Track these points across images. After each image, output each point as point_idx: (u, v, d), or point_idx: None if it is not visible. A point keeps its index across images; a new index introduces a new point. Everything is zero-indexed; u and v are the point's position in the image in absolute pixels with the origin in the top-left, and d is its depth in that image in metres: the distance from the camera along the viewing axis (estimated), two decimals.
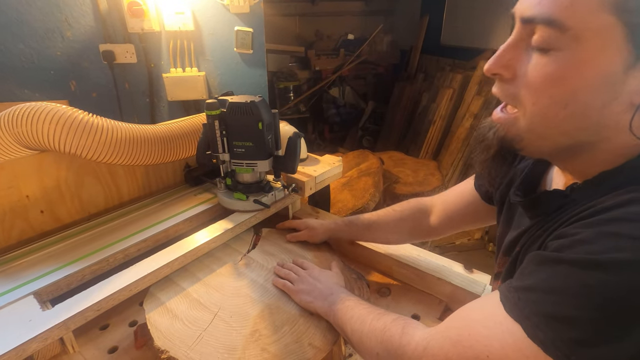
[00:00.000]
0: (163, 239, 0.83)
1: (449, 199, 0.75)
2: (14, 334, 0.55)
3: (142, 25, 1.45)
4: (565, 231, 0.37)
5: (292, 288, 0.67)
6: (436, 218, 0.76)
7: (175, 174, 1.04)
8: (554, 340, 0.33)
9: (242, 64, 1.62)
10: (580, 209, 0.38)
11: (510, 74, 0.40)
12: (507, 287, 0.39)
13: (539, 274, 0.36)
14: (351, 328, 0.55)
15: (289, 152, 0.86)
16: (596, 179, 0.40)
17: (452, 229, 0.77)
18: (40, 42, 1.39)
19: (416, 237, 0.81)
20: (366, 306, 0.57)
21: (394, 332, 0.49)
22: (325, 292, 0.64)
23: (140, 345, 0.67)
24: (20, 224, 0.78)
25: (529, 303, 0.35)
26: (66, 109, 0.75)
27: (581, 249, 0.34)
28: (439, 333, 0.45)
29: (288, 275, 0.70)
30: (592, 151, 0.40)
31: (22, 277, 0.68)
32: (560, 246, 0.36)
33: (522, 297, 0.36)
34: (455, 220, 0.74)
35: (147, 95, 1.62)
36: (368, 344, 0.52)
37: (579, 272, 0.33)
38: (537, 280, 0.36)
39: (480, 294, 0.72)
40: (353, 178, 2.04)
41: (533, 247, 0.43)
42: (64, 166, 0.82)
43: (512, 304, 0.37)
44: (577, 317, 0.32)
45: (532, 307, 0.35)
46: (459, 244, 2.49)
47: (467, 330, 0.41)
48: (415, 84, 3.34)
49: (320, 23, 3.69)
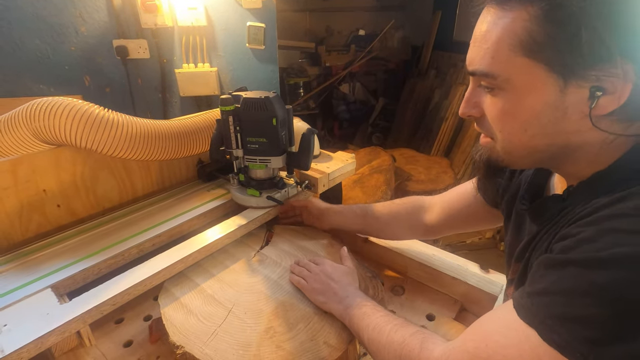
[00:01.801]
0: (177, 235, 0.84)
1: (449, 199, 0.75)
2: (32, 326, 0.56)
3: (155, 21, 1.45)
4: (567, 232, 0.38)
5: (306, 286, 0.67)
6: (434, 217, 0.76)
7: (188, 169, 1.05)
8: (570, 342, 0.33)
9: (254, 60, 1.62)
10: (580, 209, 0.40)
11: (478, 113, 0.46)
12: (520, 293, 0.39)
13: (548, 277, 0.37)
14: (368, 337, 0.55)
15: (303, 148, 0.85)
16: (590, 179, 0.42)
17: (450, 229, 0.77)
18: (55, 38, 1.40)
19: (411, 234, 0.81)
20: (383, 314, 0.56)
21: (413, 347, 0.49)
22: (340, 293, 0.63)
23: (155, 340, 0.67)
24: (37, 218, 0.79)
25: (541, 307, 0.36)
26: (83, 104, 0.75)
27: (585, 248, 0.34)
28: (457, 347, 0.44)
29: (302, 273, 0.70)
30: (574, 155, 0.42)
31: (39, 271, 0.69)
32: (565, 247, 0.36)
33: (535, 302, 0.37)
34: (454, 220, 0.74)
35: (159, 90, 1.63)
36: (386, 356, 0.52)
37: (585, 271, 0.33)
38: (547, 284, 0.36)
39: (497, 294, 0.71)
40: (365, 175, 2.03)
41: (540, 251, 0.44)
42: (79, 161, 0.83)
43: (526, 310, 0.37)
44: (589, 316, 0.32)
45: (545, 311, 0.35)
46: (469, 243, 2.47)
47: (484, 341, 0.41)
48: (426, 81, 3.31)
49: (331, 19, 3.66)
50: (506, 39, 0.39)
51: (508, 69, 0.40)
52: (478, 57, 0.42)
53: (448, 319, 0.72)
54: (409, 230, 0.80)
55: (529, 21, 0.38)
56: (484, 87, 0.44)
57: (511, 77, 0.40)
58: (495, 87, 0.42)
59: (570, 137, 0.41)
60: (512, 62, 0.39)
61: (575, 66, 0.37)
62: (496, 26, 0.40)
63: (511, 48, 0.39)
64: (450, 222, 0.74)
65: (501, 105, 0.42)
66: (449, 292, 0.78)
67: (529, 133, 0.42)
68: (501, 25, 0.40)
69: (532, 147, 0.43)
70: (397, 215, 0.80)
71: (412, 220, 0.78)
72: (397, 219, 0.80)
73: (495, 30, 0.40)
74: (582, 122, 0.39)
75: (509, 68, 0.40)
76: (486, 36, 0.41)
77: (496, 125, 0.44)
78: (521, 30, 0.38)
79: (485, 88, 0.43)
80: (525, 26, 0.38)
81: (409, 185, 2.16)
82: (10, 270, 0.69)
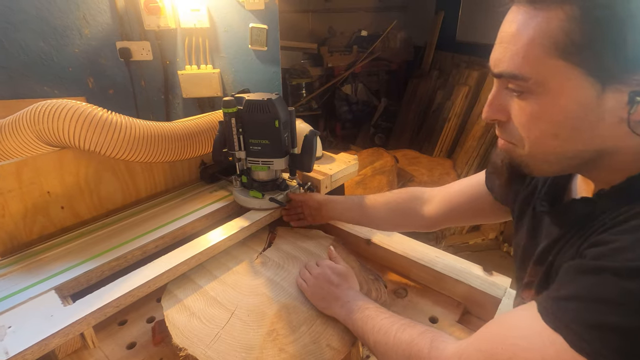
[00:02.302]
0: (180, 236, 0.84)
1: (452, 191, 0.73)
2: (36, 328, 0.56)
3: (158, 23, 1.46)
4: (601, 238, 0.37)
5: (307, 291, 0.67)
6: (433, 209, 0.75)
7: (191, 171, 1.05)
8: (600, 350, 0.32)
9: (257, 61, 1.62)
10: (613, 215, 0.38)
11: (504, 117, 0.43)
12: (545, 297, 0.38)
13: (579, 283, 0.35)
14: (374, 340, 0.54)
15: (305, 150, 0.85)
16: (624, 184, 0.40)
17: (449, 221, 0.76)
18: (59, 40, 1.41)
19: (408, 225, 0.80)
20: (388, 315, 0.56)
21: (422, 346, 0.48)
22: (341, 297, 0.62)
23: (158, 342, 0.67)
24: (41, 220, 0.80)
25: (569, 312, 0.35)
26: (86, 106, 0.76)
27: (621, 256, 0.33)
28: (471, 347, 0.43)
29: (304, 276, 0.70)
30: (607, 161, 0.40)
31: (43, 272, 0.69)
32: (598, 254, 0.35)
33: (562, 307, 0.36)
34: (455, 213, 0.72)
35: (162, 92, 1.63)
36: (393, 357, 0.51)
37: (620, 280, 0.32)
38: (577, 290, 0.35)
39: (500, 297, 0.70)
40: (367, 176, 2.03)
41: (566, 256, 0.43)
42: (83, 163, 0.83)
43: (551, 314, 0.36)
44: (622, 326, 0.31)
45: (573, 317, 0.34)
46: (472, 244, 2.46)
47: (502, 343, 0.39)
48: (429, 81, 3.30)
49: (334, 19, 3.66)
50: (539, 39, 0.37)
51: (541, 72, 0.38)
52: (506, 58, 0.40)
53: (451, 322, 0.72)
54: (406, 221, 0.80)
55: (566, 21, 0.35)
56: (512, 90, 0.41)
57: (544, 80, 0.38)
58: (525, 91, 0.39)
59: (605, 142, 0.39)
60: (546, 64, 0.37)
61: (615, 70, 0.35)
62: (528, 26, 0.38)
63: (545, 49, 0.37)
64: (451, 214, 0.73)
65: (531, 109, 0.40)
66: (452, 294, 0.77)
67: (560, 138, 0.39)
68: (534, 25, 0.37)
69: (562, 153, 0.41)
70: (394, 206, 0.80)
71: (410, 211, 0.78)
72: (394, 210, 0.79)
73: (527, 30, 0.38)
74: (618, 127, 0.37)
75: (541, 70, 0.38)
76: (516, 37, 0.39)
77: (524, 131, 0.41)
78: (557, 31, 0.36)
79: (513, 91, 0.41)
80: (561, 26, 0.36)
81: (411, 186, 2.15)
82: (15, 272, 0.70)
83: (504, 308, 0.68)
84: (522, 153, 0.43)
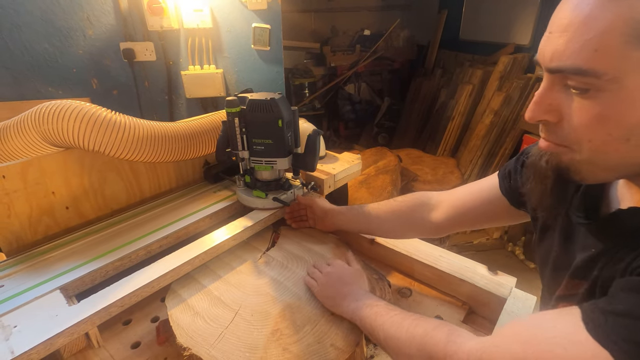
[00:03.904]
0: (184, 236, 0.84)
1: (461, 195, 0.70)
2: (42, 328, 0.56)
3: (161, 23, 1.46)
4: None
5: (316, 289, 0.66)
6: (441, 214, 0.72)
7: (195, 171, 1.05)
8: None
9: (260, 61, 1.62)
10: None
11: (555, 117, 0.39)
12: (592, 307, 0.36)
13: (632, 299, 0.33)
14: (385, 335, 0.53)
15: (309, 149, 0.85)
16: None
17: (459, 227, 0.73)
18: (64, 41, 1.42)
19: (416, 232, 0.78)
20: (398, 312, 0.55)
21: (438, 340, 0.46)
22: (351, 296, 0.62)
23: (162, 341, 0.67)
24: (46, 220, 0.80)
25: (619, 328, 0.33)
26: (90, 106, 0.76)
27: None
28: (496, 346, 0.41)
29: (314, 274, 0.69)
30: None
31: (48, 272, 0.70)
32: None
33: (611, 321, 0.33)
34: (466, 218, 0.70)
35: (166, 92, 1.64)
36: (406, 351, 0.49)
37: None
38: (631, 307, 0.33)
39: (506, 297, 0.70)
40: (371, 176, 2.02)
41: (615, 269, 0.40)
42: (87, 163, 0.83)
43: (599, 327, 0.34)
44: None
45: (624, 334, 0.32)
46: (477, 244, 2.45)
47: (534, 346, 0.37)
48: (432, 80, 3.28)
49: (336, 19, 3.65)
50: (620, 28, 0.31)
51: (619, 66, 0.32)
52: (569, 50, 0.34)
53: (456, 322, 0.72)
54: (413, 229, 0.77)
55: None
56: (572, 88, 0.36)
57: (622, 76, 0.33)
58: (593, 88, 0.34)
59: None
60: (626, 57, 0.32)
61: None
62: (604, 11, 0.32)
63: (626, 39, 0.31)
64: (461, 219, 0.70)
65: (598, 110, 0.35)
66: (456, 294, 0.77)
67: (632, 143, 0.35)
68: (612, 10, 0.32)
69: (628, 159, 0.36)
70: (400, 214, 0.77)
71: (416, 218, 0.75)
72: (400, 217, 0.77)
73: (604, 16, 0.32)
74: None
75: (620, 65, 0.32)
76: (587, 24, 0.33)
77: (585, 133, 0.36)
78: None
79: (574, 89, 0.36)
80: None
81: (415, 185, 2.15)
82: (20, 272, 0.70)
83: (509, 308, 0.67)
84: (577, 158, 0.38)
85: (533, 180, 0.45)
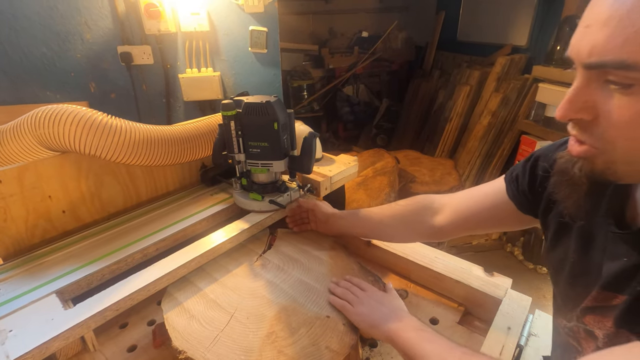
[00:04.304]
0: (181, 239, 0.84)
1: (466, 199, 0.70)
2: (37, 332, 0.56)
3: (158, 27, 1.47)
4: None
5: (351, 310, 0.63)
6: (445, 218, 0.71)
7: (192, 174, 1.05)
8: None
9: (257, 64, 1.63)
10: None
11: (590, 115, 0.37)
12: None
13: None
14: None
15: (305, 152, 0.85)
16: None
17: (462, 231, 0.72)
18: (61, 45, 1.42)
19: (418, 236, 0.77)
20: (446, 340, 0.53)
21: None
22: (391, 316, 0.60)
23: (159, 345, 0.68)
24: (43, 224, 0.80)
25: None
26: (86, 111, 0.76)
27: None
28: None
29: (345, 296, 0.66)
30: None
31: (44, 276, 0.70)
32: None
33: None
34: (470, 222, 0.69)
35: (163, 95, 1.64)
36: None
37: None
38: None
39: (501, 298, 0.70)
40: (368, 177, 2.02)
41: None
42: (84, 167, 0.84)
43: None
44: None
45: None
46: (475, 245, 2.45)
47: None
48: (431, 81, 3.29)
49: (334, 21, 3.67)
50: None
51: None
52: (611, 44, 0.33)
53: (452, 323, 0.72)
54: (416, 233, 0.76)
55: None
56: (611, 84, 0.35)
57: None
58: (637, 83, 0.33)
59: None
60: None
61: None
62: None
63: None
64: (464, 224, 0.69)
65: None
66: (452, 295, 0.77)
67: None
68: None
69: None
70: (401, 217, 0.77)
71: (418, 222, 0.75)
72: (402, 221, 0.77)
73: None
74: None
75: None
76: (631, 17, 0.32)
77: (624, 131, 0.35)
78: None
79: (615, 84, 0.34)
80: None
81: (413, 187, 2.15)
82: (17, 276, 0.70)
83: (504, 309, 0.67)
84: (611, 159, 0.37)
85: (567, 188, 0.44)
